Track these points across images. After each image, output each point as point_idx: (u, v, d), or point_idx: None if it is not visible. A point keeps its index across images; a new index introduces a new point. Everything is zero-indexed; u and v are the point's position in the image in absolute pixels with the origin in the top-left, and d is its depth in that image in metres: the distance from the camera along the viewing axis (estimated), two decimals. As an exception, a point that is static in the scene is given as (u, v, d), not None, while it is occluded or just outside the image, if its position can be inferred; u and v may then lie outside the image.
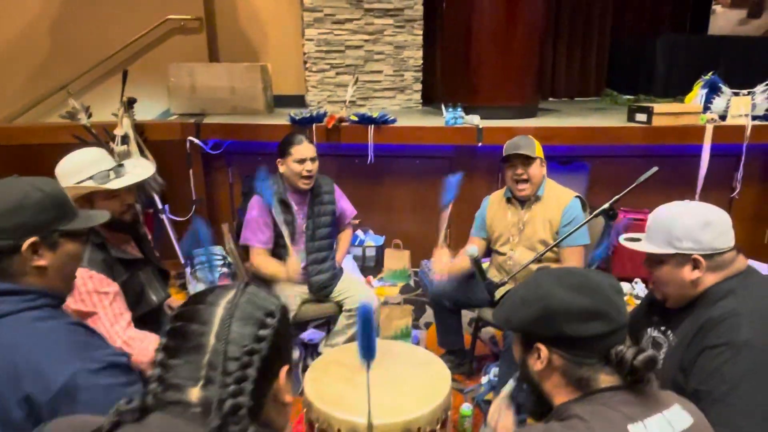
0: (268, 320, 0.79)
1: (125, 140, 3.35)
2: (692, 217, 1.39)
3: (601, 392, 1.01)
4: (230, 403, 0.71)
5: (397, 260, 3.99)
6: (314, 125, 3.68)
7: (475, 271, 2.26)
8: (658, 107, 3.60)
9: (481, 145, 3.67)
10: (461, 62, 4.14)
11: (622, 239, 1.56)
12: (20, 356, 1.06)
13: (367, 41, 4.67)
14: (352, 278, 2.84)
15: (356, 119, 3.71)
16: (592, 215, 2.02)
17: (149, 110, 4.32)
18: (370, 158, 3.71)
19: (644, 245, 1.47)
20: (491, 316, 1.21)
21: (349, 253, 3.85)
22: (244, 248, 2.64)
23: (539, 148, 2.45)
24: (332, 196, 2.73)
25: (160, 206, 3.63)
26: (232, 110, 4.27)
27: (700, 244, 1.37)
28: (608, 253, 2.49)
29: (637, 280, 3.64)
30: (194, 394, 0.73)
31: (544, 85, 5.32)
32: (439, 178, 3.96)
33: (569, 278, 1.07)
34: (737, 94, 3.71)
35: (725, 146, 3.63)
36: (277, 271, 2.48)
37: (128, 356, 1.23)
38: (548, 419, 1.07)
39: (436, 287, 2.74)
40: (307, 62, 4.70)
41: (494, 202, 2.64)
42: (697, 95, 3.82)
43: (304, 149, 2.52)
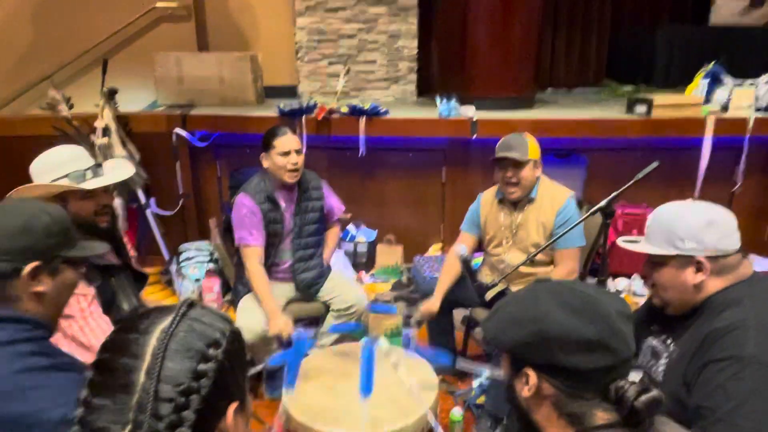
0: (210, 352, 0.68)
1: (106, 132, 3.25)
2: (695, 216, 1.30)
3: (595, 430, 0.89)
4: None
5: (389, 256, 3.90)
6: (304, 117, 3.57)
7: (464, 272, 2.17)
8: (658, 99, 3.49)
9: (475, 137, 3.56)
10: (457, 52, 4.03)
11: (620, 241, 1.47)
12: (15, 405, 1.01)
13: (360, 30, 4.54)
14: (340, 277, 2.75)
15: (347, 111, 3.60)
16: (587, 214, 1.92)
17: (136, 101, 4.20)
18: (361, 151, 3.61)
19: (644, 246, 1.37)
20: (481, 323, 1.06)
21: (339, 248, 3.76)
22: (231, 242, 2.56)
23: (534, 147, 2.32)
24: (320, 191, 2.64)
25: (143, 201, 3.52)
26: (221, 101, 4.15)
27: (703, 244, 1.27)
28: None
29: (635, 276, 3.56)
30: None
31: (541, 75, 5.20)
32: (433, 171, 3.89)
33: (571, 299, 0.92)
34: (740, 85, 3.61)
35: (727, 139, 3.52)
36: (266, 301, 2.35)
37: None
38: None
39: (428, 284, 2.65)
40: (298, 52, 4.58)
41: (487, 201, 2.52)
42: (698, 86, 3.72)
43: (287, 141, 2.42)
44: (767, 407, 1.12)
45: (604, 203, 1.85)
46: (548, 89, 5.64)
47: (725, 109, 3.56)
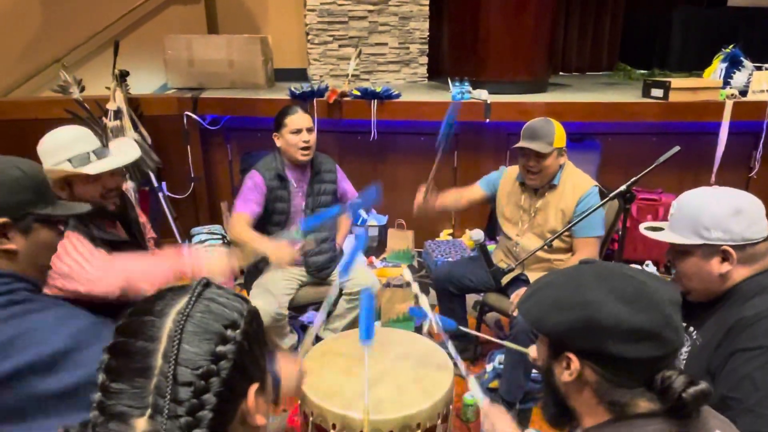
0: (228, 333, 0.66)
1: (118, 115, 3.23)
2: (722, 204, 1.26)
3: (635, 418, 0.86)
4: None
5: (400, 240, 3.88)
6: (315, 100, 3.54)
7: (479, 254, 2.15)
8: (675, 82, 3.42)
9: (488, 121, 3.52)
10: (469, 34, 3.97)
11: (642, 228, 1.43)
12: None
13: (371, 12, 4.48)
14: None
15: (359, 94, 3.57)
16: (607, 198, 1.88)
17: (146, 84, 4.19)
18: (373, 135, 3.58)
19: (668, 235, 1.34)
20: (518, 303, 1.00)
21: (351, 233, 3.75)
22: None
23: (560, 135, 2.25)
24: (334, 175, 2.63)
25: (156, 184, 3.52)
26: (231, 84, 4.12)
27: (730, 233, 1.24)
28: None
29: (648, 262, 3.52)
30: (140, 425, 0.61)
31: (554, 58, 5.13)
32: (445, 155, 3.85)
33: (622, 285, 0.87)
34: (759, 68, 3.54)
35: (744, 123, 3.46)
36: (259, 244, 2.21)
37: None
38: None
39: (440, 269, 2.63)
40: (309, 34, 4.53)
41: (509, 179, 2.48)
42: (716, 69, 3.65)
43: (298, 119, 2.41)
44: None
45: (624, 187, 1.81)
46: (561, 73, 5.57)
47: (744, 93, 3.49)
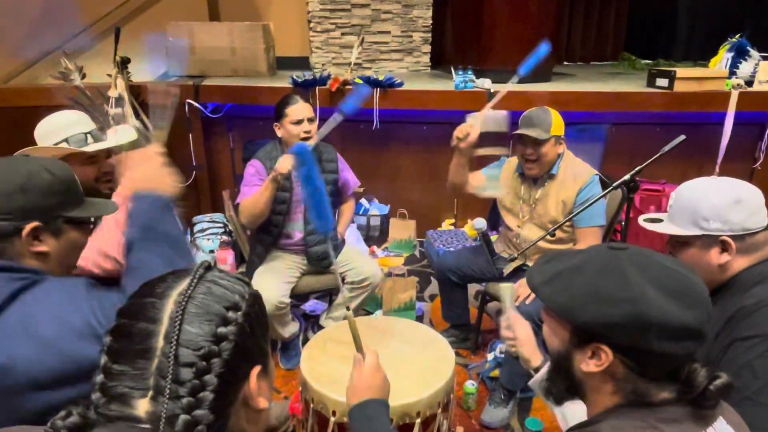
0: (230, 315, 0.66)
1: (120, 102, 3.22)
2: (720, 194, 1.25)
3: (654, 406, 0.83)
4: (184, 419, 0.60)
5: (402, 230, 3.88)
6: (317, 88, 3.52)
7: (482, 244, 2.15)
8: (681, 71, 3.39)
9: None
10: (472, 23, 3.93)
11: (641, 221, 1.43)
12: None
13: (374, -1, 4.45)
14: (354, 250, 2.74)
15: (361, 82, 3.54)
16: (611, 187, 1.87)
17: (147, 71, 4.16)
18: (375, 124, 3.56)
19: (667, 226, 1.33)
20: (538, 285, 0.91)
21: (353, 222, 3.75)
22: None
23: (557, 124, 2.24)
24: (335, 164, 2.61)
25: (157, 172, 3.51)
26: (232, 72, 4.09)
27: (729, 224, 1.23)
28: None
29: (650, 253, 3.51)
30: (142, 407, 0.61)
31: (558, 48, 5.09)
32: (447, 144, 3.82)
33: (663, 277, 0.82)
34: (766, 58, 3.50)
35: (750, 114, 3.43)
36: (259, 191, 2.30)
37: None
38: (583, 426, 0.89)
39: (442, 258, 2.62)
40: (311, 21, 4.50)
41: (509, 169, 2.46)
42: (722, 59, 3.61)
43: (299, 109, 2.40)
44: None
45: (627, 177, 1.80)
46: (565, 63, 5.52)
47: (750, 83, 3.46)
